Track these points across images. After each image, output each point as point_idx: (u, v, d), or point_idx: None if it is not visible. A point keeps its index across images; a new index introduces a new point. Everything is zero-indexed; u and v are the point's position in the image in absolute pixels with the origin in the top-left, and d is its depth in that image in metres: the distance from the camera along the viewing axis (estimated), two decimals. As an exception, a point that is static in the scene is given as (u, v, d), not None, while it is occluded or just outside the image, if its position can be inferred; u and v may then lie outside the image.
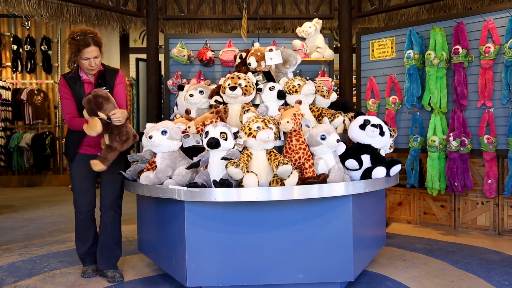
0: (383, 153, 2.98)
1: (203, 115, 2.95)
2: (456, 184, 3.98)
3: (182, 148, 2.80)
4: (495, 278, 2.89)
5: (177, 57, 4.77)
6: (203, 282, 2.53)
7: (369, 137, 2.81)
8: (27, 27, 8.21)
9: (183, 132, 2.77)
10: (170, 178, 2.64)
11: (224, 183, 2.36)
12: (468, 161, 3.99)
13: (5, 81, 8.07)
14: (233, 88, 2.81)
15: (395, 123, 4.41)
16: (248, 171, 2.42)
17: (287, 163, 2.40)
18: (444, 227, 4.31)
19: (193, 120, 2.89)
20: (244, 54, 3.32)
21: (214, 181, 2.43)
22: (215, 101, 3.11)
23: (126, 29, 6.30)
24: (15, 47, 8.12)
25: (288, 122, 2.54)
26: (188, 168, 2.55)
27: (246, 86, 2.85)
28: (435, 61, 3.94)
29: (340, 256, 2.54)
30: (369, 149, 2.81)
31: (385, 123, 2.95)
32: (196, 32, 6.46)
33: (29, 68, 8.21)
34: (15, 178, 8.23)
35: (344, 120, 3.08)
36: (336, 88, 5.61)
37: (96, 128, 2.63)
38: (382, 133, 2.84)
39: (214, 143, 2.43)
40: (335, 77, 5.75)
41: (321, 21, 4.77)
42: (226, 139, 2.46)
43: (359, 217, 2.65)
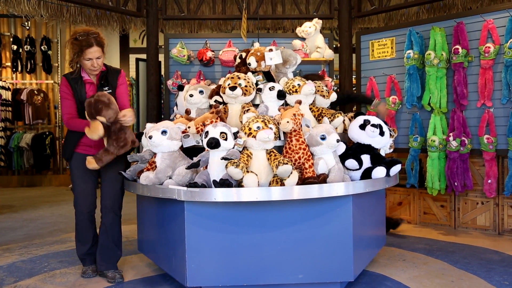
0: (383, 153, 2.98)
1: (203, 115, 2.96)
2: (456, 184, 3.98)
3: (182, 148, 2.80)
4: (495, 278, 2.89)
5: (177, 57, 4.77)
6: (203, 282, 2.53)
7: (369, 137, 2.81)
8: (27, 27, 8.21)
9: (183, 132, 2.77)
10: (170, 178, 2.64)
11: (224, 183, 2.36)
12: (468, 161, 4.00)
13: (5, 81, 8.07)
14: (233, 88, 2.81)
15: (395, 123, 4.42)
16: (248, 171, 2.42)
17: (287, 163, 2.40)
18: (444, 227, 4.31)
19: (193, 120, 2.89)
20: (244, 54, 3.32)
21: (214, 181, 2.43)
22: (215, 101, 3.11)
23: (126, 29, 6.30)
24: (15, 47, 8.12)
25: (288, 122, 2.54)
26: (188, 168, 2.55)
27: (246, 86, 2.85)
28: (435, 61, 3.94)
29: (340, 256, 2.54)
30: (369, 149, 2.81)
31: (385, 123, 2.95)
32: (196, 32, 6.46)
33: (29, 68, 8.21)
34: (15, 178, 8.23)
35: (344, 120, 3.08)
36: (336, 88, 5.61)
37: (98, 132, 2.66)
38: (382, 133, 2.84)
39: (214, 143, 2.43)
40: (335, 77, 5.76)
41: (321, 21, 4.77)
42: (226, 139, 2.46)
43: (359, 217, 2.65)
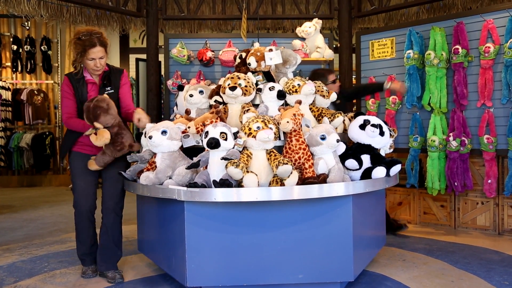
0: (383, 153, 2.97)
1: (203, 115, 2.95)
2: (456, 184, 3.98)
3: (182, 148, 2.80)
4: (495, 278, 2.89)
5: (177, 57, 4.77)
6: (203, 282, 2.53)
7: (369, 137, 2.81)
8: (27, 27, 8.21)
9: (183, 132, 2.77)
10: (170, 178, 2.64)
11: (224, 183, 2.36)
12: (468, 161, 4.00)
13: (5, 81, 8.06)
14: (233, 88, 2.81)
15: (395, 123, 4.42)
16: (248, 171, 2.42)
17: (287, 163, 2.40)
18: (444, 227, 4.31)
19: (193, 120, 2.89)
20: (244, 54, 3.32)
21: (214, 181, 2.43)
22: (215, 101, 3.11)
23: (126, 29, 6.30)
24: (15, 47, 8.12)
25: (288, 122, 2.54)
26: (188, 168, 2.55)
27: (246, 86, 2.85)
28: (435, 61, 3.94)
29: (340, 256, 2.54)
30: (369, 149, 2.80)
31: (385, 123, 2.95)
32: (196, 32, 6.47)
33: (29, 68, 8.21)
34: (15, 178, 8.23)
35: (344, 120, 3.08)
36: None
37: (105, 141, 2.71)
38: (382, 133, 2.84)
39: (214, 143, 2.43)
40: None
41: (321, 21, 4.77)
42: (226, 139, 2.46)
43: (359, 217, 2.65)
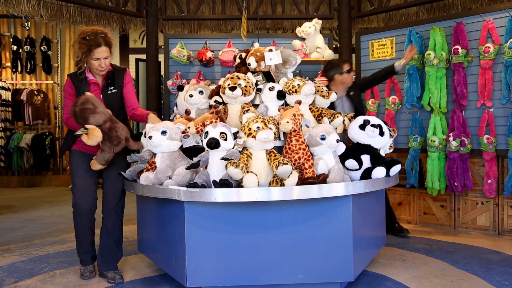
0: (383, 153, 2.98)
1: (203, 115, 2.95)
2: (456, 184, 3.98)
3: (182, 149, 2.80)
4: (495, 278, 2.89)
5: (177, 57, 4.77)
6: (203, 282, 2.53)
7: (369, 137, 2.81)
8: (27, 28, 8.20)
9: (182, 132, 2.77)
10: (170, 178, 2.64)
11: (224, 183, 2.36)
12: (468, 161, 4.00)
13: (5, 81, 8.06)
14: (232, 89, 2.81)
15: (394, 123, 4.42)
16: (248, 171, 2.42)
17: (287, 163, 2.40)
18: (444, 227, 4.32)
19: (193, 120, 2.89)
20: (243, 55, 3.32)
21: (214, 181, 2.43)
22: (215, 101, 3.11)
23: (125, 29, 6.31)
24: (15, 47, 8.12)
25: (287, 122, 2.54)
26: (188, 168, 2.55)
27: (245, 87, 2.85)
28: (434, 61, 3.94)
29: (340, 256, 2.54)
30: (369, 149, 2.80)
31: (385, 123, 2.95)
32: (196, 32, 6.47)
33: (29, 68, 8.21)
34: (15, 178, 8.23)
35: (344, 120, 3.08)
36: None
37: (98, 138, 2.68)
38: (382, 133, 2.84)
39: (213, 144, 2.43)
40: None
41: (320, 21, 4.77)
42: (225, 139, 2.46)
43: (359, 217, 2.65)
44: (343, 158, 2.73)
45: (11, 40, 8.19)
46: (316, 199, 2.47)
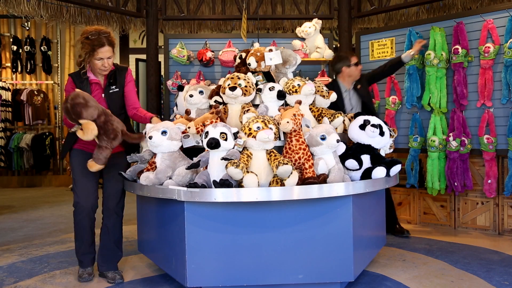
0: (383, 153, 2.98)
1: (203, 115, 2.95)
2: (456, 184, 3.98)
3: (182, 149, 2.80)
4: (495, 278, 2.89)
5: (177, 57, 4.77)
6: (203, 282, 2.53)
7: (369, 137, 2.81)
8: (27, 28, 8.21)
9: (183, 132, 2.77)
10: (170, 178, 2.64)
11: (224, 183, 2.36)
12: (468, 161, 4.00)
13: (5, 81, 8.06)
14: (233, 89, 2.81)
15: (395, 123, 4.42)
16: (248, 171, 2.42)
17: (287, 163, 2.40)
18: (444, 227, 4.32)
19: (193, 120, 2.89)
20: (244, 55, 3.32)
21: (214, 181, 2.43)
22: (215, 101, 3.11)
23: (125, 29, 6.30)
24: (15, 47, 8.12)
25: (288, 122, 2.54)
26: (188, 168, 2.55)
27: (246, 87, 2.85)
28: (434, 61, 3.94)
29: (340, 256, 2.54)
30: (369, 149, 2.81)
31: (385, 123, 2.95)
32: (196, 32, 6.47)
33: (29, 68, 8.21)
34: (15, 178, 8.23)
35: (344, 120, 3.08)
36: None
37: (93, 132, 2.61)
38: (382, 133, 2.84)
39: (214, 144, 2.43)
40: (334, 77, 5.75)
41: (320, 21, 4.77)
42: (226, 139, 2.46)
43: (359, 217, 2.65)
44: (343, 158, 2.73)
45: (11, 40, 8.20)
46: (316, 199, 2.47)
